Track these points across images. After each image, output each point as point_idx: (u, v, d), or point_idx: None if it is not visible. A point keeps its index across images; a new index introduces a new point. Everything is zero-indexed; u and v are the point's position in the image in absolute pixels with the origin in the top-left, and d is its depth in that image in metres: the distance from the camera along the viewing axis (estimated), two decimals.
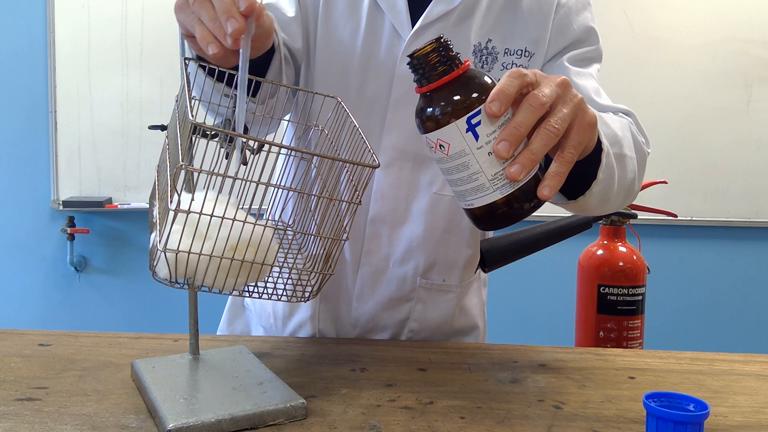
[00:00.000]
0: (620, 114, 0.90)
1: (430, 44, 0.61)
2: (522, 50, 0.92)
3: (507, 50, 0.92)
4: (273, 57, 0.78)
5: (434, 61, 0.61)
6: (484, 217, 0.63)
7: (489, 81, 0.62)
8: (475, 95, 0.60)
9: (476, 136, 0.60)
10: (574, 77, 0.91)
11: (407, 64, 0.63)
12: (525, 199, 0.62)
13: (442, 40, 0.61)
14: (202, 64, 0.72)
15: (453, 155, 0.61)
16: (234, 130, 0.63)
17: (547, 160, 0.64)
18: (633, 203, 1.71)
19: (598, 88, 0.93)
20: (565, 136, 0.63)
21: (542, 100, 0.60)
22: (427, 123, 0.61)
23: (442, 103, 0.61)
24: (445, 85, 0.61)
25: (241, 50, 0.62)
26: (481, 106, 0.60)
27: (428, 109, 0.61)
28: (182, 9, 0.64)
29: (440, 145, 0.61)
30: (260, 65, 0.77)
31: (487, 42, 0.91)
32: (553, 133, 0.60)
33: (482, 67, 0.92)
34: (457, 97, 0.60)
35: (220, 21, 0.60)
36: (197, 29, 0.62)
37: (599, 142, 0.73)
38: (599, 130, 0.72)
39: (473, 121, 0.60)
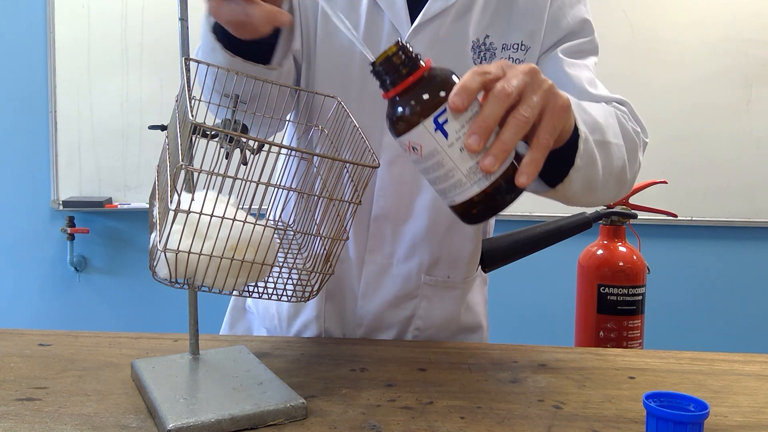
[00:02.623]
0: (613, 103, 0.90)
1: (389, 49, 0.61)
2: (518, 44, 0.92)
3: (504, 45, 0.92)
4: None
5: (395, 65, 0.61)
6: (466, 212, 0.63)
7: (453, 78, 0.62)
8: (438, 93, 0.60)
9: (445, 134, 0.59)
10: (567, 68, 0.91)
11: (370, 72, 0.63)
12: (504, 189, 0.61)
13: (400, 44, 0.61)
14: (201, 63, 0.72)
15: (426, 155, 0.61)
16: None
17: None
18: (633, 203, 1.71)
19: (593, 78, 0.93)
20: (538, 122, 0.62)
21: (508, 90, 0.59)
22: (397, 127, 0.62)
23: (408, 106, 0.61)
24: (409, 88, 0.61)
25: None
26: (446, 104, 0.60)
27: (396, 114, 0.62)
28: None
29: (413, 148, 0.61)
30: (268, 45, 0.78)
31: (485, 38, 0.92)
32: (523, 121, 0.60)
33: (481, 62, 0.92)
34: (421, 98, 0.60)
35: None
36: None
37: (577, 130, 0.73)
38: (577, 116, 0.72)
39: (440, 120, 0.59)
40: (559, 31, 0.94)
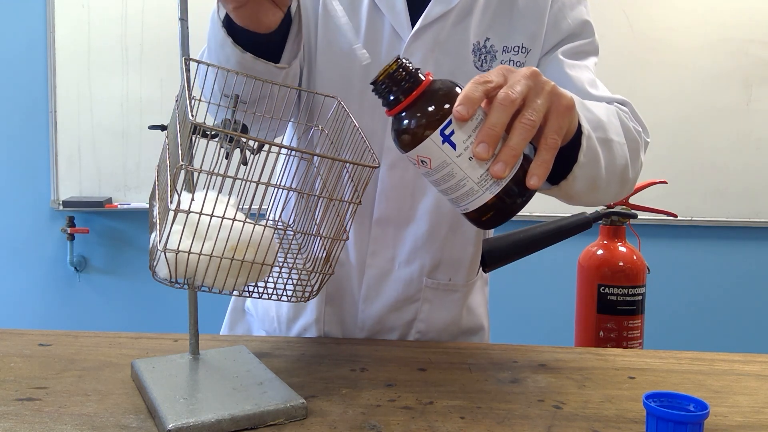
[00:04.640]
0: (615, 104, 0.90)
1: (388, 67, 0.61)
2: (519, 47, 0.92)
3: (505, 48, 0.92)
4: (292, 23, 0.79)
5: (396, 82, 0.61)
6: (480, 218, 0.63)
7: (456, 90, 0.62)
8: (443, 106, 0.60)
9: (453, 145, 0.60)
10: (567, 69, 0.92)
11: (372, 91, 0.63)
12: (516, 193, 0.62)
13: (399, 60, 0.61)
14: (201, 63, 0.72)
15: (436, 168, 0.61)
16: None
17: (534, 149, 0.64)
18: (633, 203, 1.71)
19: (594, 79, 0.93)
20: (545, 123, 0.63)
21: (512, 97, 0.60)
22: (404, 142, 0.62)
23: (413, 121, 0.61)
24: (412, 103, 0.61)
25: None
26: (451, 115, 0.60)
27: (402, 129, 0.62)
28: None
29: (422, 161, 0.62)
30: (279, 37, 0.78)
31: (486, 40, 0.92)
32: (530, 125, 0.61)
33: (482, 65, 0.92)
34: (425, 112, 0.60)
35: None
36: None
37: (580, 127, 0.73)
38: (580, 114, 0.72)
39: (446, 132, 0.60)
40: (559, 32, 0.94)
